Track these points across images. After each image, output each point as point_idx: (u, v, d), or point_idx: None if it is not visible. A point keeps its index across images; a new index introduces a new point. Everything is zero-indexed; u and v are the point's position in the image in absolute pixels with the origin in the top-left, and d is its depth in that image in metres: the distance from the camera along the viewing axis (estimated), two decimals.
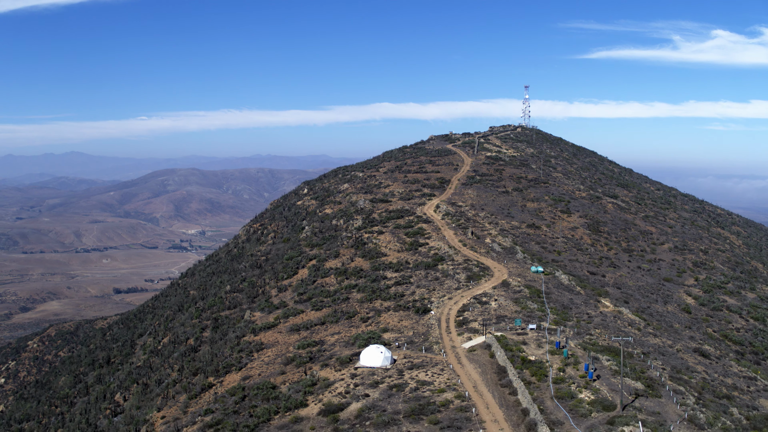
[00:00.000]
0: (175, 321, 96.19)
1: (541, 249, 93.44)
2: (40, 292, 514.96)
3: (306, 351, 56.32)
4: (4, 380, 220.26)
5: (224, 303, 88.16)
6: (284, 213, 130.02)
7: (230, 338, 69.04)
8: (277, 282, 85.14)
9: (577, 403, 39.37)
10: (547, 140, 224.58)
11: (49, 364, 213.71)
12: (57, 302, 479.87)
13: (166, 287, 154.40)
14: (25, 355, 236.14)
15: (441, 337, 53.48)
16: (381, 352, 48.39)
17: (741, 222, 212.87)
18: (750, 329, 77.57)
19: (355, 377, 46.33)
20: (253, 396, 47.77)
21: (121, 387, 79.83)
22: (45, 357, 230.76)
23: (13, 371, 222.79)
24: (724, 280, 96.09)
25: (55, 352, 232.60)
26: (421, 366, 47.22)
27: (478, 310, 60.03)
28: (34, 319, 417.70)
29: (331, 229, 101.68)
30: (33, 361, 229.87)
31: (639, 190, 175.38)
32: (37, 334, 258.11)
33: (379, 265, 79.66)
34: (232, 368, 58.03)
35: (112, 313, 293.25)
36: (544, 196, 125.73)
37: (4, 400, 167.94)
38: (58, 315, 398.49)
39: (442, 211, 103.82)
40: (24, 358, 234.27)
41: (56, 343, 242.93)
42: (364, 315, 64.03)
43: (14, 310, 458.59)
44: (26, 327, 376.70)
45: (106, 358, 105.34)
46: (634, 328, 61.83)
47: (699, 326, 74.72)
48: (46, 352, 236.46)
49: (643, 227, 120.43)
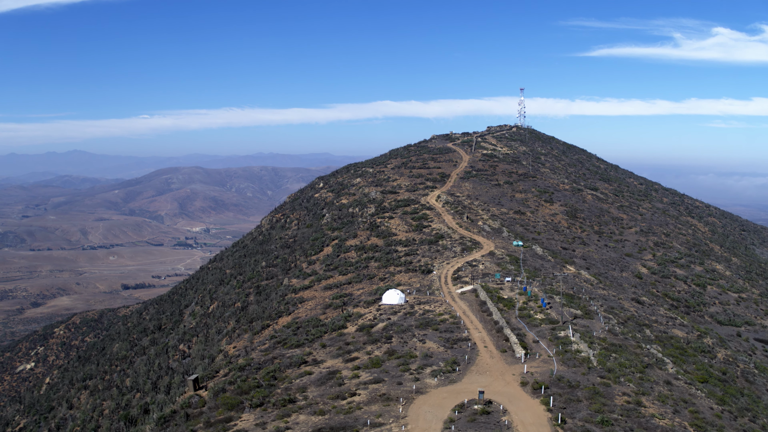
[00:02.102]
0: (218, 292, 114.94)
1: (524, 230, 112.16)
2: (50, 288, 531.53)
3: (339, 300, 75.02)
4: (33, 364, 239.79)
5: (262, 275, 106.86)
6: (304, 204, 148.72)
7: (275, 297, 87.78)
8: (307, 257, 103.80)
9: (532, 320, 58.17)
10: (539, 139, 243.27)
11: (76, 349, 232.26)
12: (67, 298, 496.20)
13: (197, 271, 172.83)
14: (52, 341, 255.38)
15: (440, 287, 72.25)
16: (397, 293, 67.17)
17: (717, 214, 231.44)
18: (689, 292, 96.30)
19: (379, 310, 65.12)
20: (305, 326, 66.41)
21: (182, 341, 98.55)
22: (72, 342, 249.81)
23: (42, 356, 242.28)
24: (678, 256, 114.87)
25: (81, 338, 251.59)
26: (426, 303, 65.99)
27: (468, 270, 78.79)
28: (46, 313, 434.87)
29: (348, 216, 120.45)
30: (60, 347, 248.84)
31: (620, 183, 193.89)
32: (62, 322, 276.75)
33: (391, 242, 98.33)
34: (283, 314, 76.79)
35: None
36: (531, 188, 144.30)
37: (49, 374, 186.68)
38: (69, 310, 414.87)
39: (443, 201, 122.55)
40: (52, 343, 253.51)
41: (81, 330, 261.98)
42: (381, 276, 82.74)
43: (26, 305, 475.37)
44: (39, 321, 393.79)
45: (157, 325, 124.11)
46: (588, 284, 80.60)
47: (645, 287, 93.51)
48: (72, 338, 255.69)
49: (616, 214, 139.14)
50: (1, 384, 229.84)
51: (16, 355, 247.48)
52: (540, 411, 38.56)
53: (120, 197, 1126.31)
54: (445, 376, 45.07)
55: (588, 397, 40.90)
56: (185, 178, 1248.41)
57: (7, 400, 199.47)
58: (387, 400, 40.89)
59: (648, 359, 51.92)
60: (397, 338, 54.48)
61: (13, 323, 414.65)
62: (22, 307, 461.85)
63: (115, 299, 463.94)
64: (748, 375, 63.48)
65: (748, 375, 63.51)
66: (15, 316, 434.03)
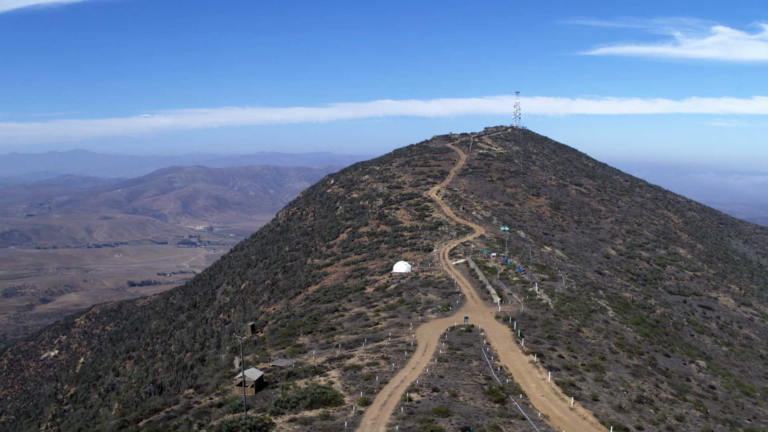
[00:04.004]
0: (247, 273, 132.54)
1: (512, 219, 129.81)
2: (58, 285, 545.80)
3: (357, 272, 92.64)
4: (57, 351, 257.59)
5: (286, 258, 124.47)
6: (317, 198, 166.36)
7: (301, 273, 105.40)
8: (325, 242, 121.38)
9: (509, 281, 75.84)
10: (532, 139, 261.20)
11: (97, 338, 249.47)
12: (75, 294, 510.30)
13: (219, 259, 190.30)
14: (74, 330, 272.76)
15: (439, 261, 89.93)
16: (406, 264, 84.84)
17: (698, 209, 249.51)
18: (650, 270, 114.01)
19: (391, 277, 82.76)
20: (332, 290, 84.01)
21: (220, 312, 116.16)
22: (93, 331, 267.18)
23: (65, 344, 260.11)
24: (645, 241, 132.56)
25: (102, 327, 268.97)
26: (428, 271, 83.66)
27: (462, 249, 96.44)
28: (55, 309, 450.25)
29: (359, 208, 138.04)
30: (82, 335, 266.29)
31: (604, 180, 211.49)
32: (82, 313, 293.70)
33: (397, 228, 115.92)
34: (311, 284, 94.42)
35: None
36: (520, 184, 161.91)
37: (85, 353, 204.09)
38: (77, 306, 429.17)
39: (442, 194, 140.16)
40: (74, 332, 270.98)
41: (102, 320, 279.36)
42: (390, 255, 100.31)
43: (35, 301, 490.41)
44: (49, 316, 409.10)
45: (191, 303, 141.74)
46: (560, 260, 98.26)
47: (611, 265, 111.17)
48: (93, 327, 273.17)
49: (596, 207, 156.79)
50: (27, 369, 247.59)
51: (39, 343, 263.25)
52: (507, 331, 56.19)
53: (123, 196, 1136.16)
54: (441, 313, 62.76)
55: (542, 325, 58.50)
56: (188, 177, 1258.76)
57: (43, 379, 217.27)
58: (400, 326, 58.57)
59: (594, 308, 69.54)
60: (406, 293, 72.17)
61: (24, 318, 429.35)
62: (32, 303, 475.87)
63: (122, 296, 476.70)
64: (677, 325, 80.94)
65: (678, 325, 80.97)
66: (25, 312, 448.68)
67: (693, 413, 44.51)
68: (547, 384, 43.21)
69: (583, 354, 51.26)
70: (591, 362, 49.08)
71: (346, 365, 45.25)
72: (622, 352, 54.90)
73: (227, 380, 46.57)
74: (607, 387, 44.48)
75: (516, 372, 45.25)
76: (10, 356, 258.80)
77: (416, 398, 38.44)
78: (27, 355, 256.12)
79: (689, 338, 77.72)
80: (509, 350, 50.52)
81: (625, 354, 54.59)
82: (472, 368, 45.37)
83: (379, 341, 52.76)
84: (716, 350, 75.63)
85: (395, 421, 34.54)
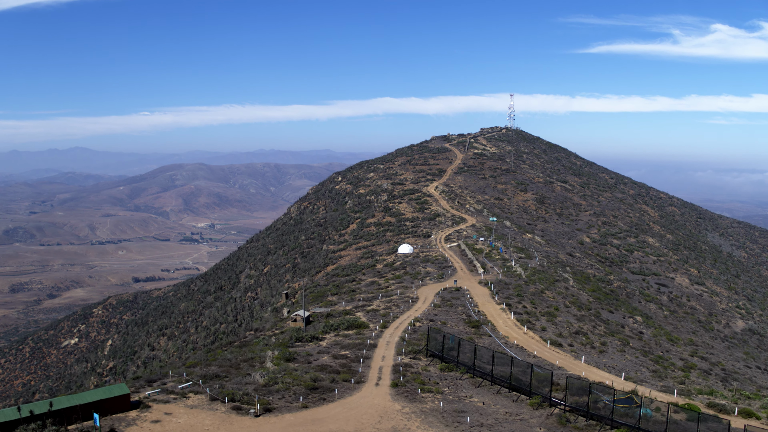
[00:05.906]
0: (268, 259, 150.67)
1: (500, 211, 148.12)
2: (64, 280, 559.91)
3: (368, 254, 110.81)
4: (77, 339, 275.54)
5: (303, 246, 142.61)
6: (327, 194, 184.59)
7: (319, 257, 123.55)
8: (337, 232, 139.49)
9: (492, 258, 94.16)
10: (525, 139, 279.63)
11: (115, 326, 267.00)
12: (81, 290, 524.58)
13: (236, 250, 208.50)
14: (92, 319, 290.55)
15: (436, 244, 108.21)
16: (409, 246, 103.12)
17: (678, 204, 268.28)
18: (618, 255, 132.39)
19: (397, 256, 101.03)
20: (348, 268, 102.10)
21: (247, 291, 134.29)
22: (111, 320, 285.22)
23: (84, 332, 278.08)
24: (618, 231, 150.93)
25: (119, 317, 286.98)
26: (427, 252, 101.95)
27: (456, 235, 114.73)
28: (63, 304, 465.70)
29: (366, 202, 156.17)
30: (101, 324, 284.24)
31: (589, 177, 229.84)
32: (99, 303, 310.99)
33: (401, 219, 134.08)
34: (329, 264, 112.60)
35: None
36: (510, 181, 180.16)
37: (113, 336, 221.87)
38: (85, 300, 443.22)
39: (439, 190, 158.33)
40: (92, 321, 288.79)
41: (119, 309, 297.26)
42: (395, 241, 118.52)
43: (42, 297, 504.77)
44: (58, 311, 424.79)
45: (217, 286, 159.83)
46: (537, 244, 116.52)
47: (584, 250, 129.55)
48: (111, 317, 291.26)
49: (577, 201, 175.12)
50: (49, 356, 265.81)
51: (59, 332, 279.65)
52: (486, 291, 74.42)
53: (125, 193, 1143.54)
54: (437, 280, 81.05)
55: (513, 288, 76.72)
56: (189, 174, 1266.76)
57: (73, 360, 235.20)
58: (405, 288, 76.83)
59: (558, 278, 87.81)
60: (410, 267, 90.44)
61: (33, 313, 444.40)
62: (39, 298, 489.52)
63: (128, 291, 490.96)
64: (630, 294, 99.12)
65: (630, 295, 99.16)
66: (34, 306, 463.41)
67: (616, 343, 62.72)
68: (510, 321, 61.51)
69: (542, 307, 69.49)
70: (546, 311, 67.35)
71: (368, 309, 63.58)
72: (574, 307, 73.17)
73: (281, 323, 64.74)
74: (554, 325, 62.74)
75: (489, 314, 63.52)
76: (31, 344, 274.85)
77: (418, 324, 56.77)
78: (48, 344, 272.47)
79: (637, 304, 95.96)
80: (486, 302, 68.77)
81: (575, 308, 72.86)
82: (458, 311, 63.68)
83: (390, 296, 71.02)
84: (658, 313, 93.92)
85: (405, 335, 52.79)
